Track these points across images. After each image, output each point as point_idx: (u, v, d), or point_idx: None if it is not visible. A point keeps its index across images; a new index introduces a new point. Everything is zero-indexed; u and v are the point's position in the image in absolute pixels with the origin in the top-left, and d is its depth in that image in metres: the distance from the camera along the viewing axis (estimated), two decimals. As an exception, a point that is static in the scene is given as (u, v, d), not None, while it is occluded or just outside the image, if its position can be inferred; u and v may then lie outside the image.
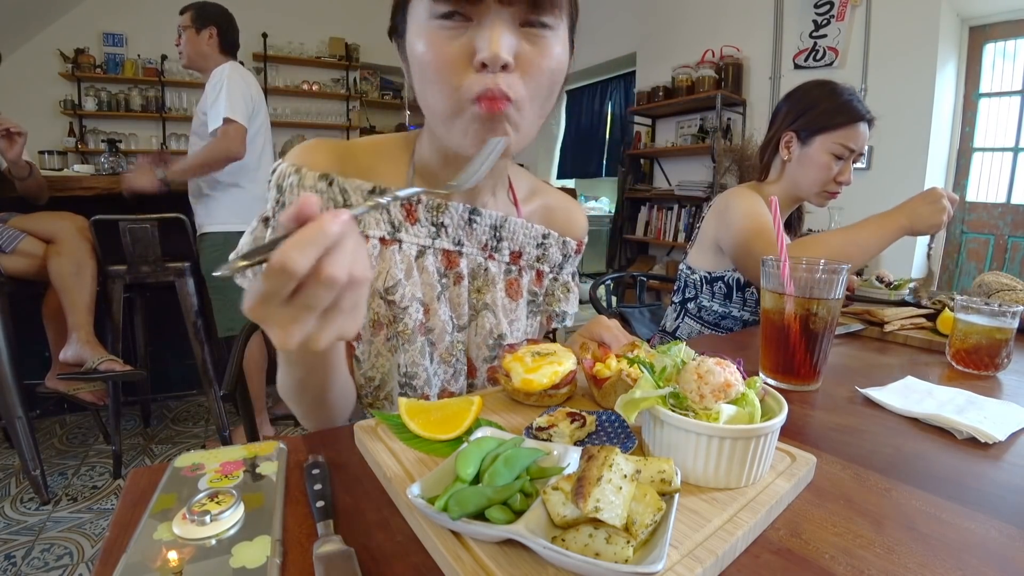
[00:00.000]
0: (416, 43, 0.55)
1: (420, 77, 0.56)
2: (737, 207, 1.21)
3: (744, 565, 0.36)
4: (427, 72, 0.54)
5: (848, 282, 0.45)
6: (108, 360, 1.86)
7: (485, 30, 0.51)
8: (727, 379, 0.44)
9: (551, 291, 0.82)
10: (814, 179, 1.21)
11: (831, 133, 1.17)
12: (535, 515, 0.35)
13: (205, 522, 0.36)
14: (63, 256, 1.86)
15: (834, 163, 1.18)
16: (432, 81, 0.54)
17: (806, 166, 1.21)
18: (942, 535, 0.40)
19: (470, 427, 0.51)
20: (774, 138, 1.28)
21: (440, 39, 0.53)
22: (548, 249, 0.79)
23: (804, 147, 1.21)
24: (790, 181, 1.26)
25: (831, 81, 1.24)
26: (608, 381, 0.57)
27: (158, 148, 4.80)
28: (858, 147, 1.18)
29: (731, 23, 3.70)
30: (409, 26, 0.56)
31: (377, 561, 0.36)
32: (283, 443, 0.49)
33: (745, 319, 1.28)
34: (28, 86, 4.31)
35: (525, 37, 0.53)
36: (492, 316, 0.73)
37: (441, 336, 0.69)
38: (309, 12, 5.26)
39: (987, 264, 2.91)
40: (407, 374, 0.67)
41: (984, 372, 0.80)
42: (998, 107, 2.86)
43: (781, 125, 1.26)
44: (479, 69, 0.52)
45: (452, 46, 0.52)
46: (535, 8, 0.52)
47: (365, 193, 0.63)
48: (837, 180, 1.20)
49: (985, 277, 1.16)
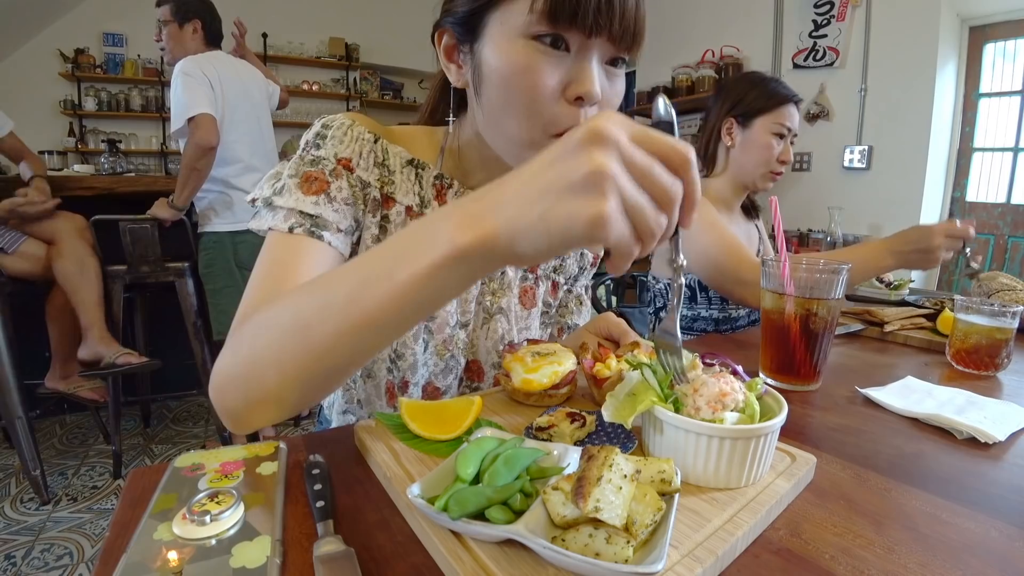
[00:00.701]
0: (502, 57, 0.51)
1: (503, 97, 0.53)
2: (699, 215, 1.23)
3: (744, 565, 0.36)
4: (514, 94, 0.52)
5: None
6: (125, 354, 1.88)
7: (585, 63, 0.50)
8: (722, 389, 0.44)
9: (565, 303, 0.82)
10: (759, 160, 1.25)
11: (770, 114, 1.23)
12: (535, 515, 0.35)
13: (205, 522, 0.36)
14: (65, 257, 1.87)
15: (776, 143, 1.23)
16: (518, 104, 0.52)
17: (750, 149, 1.26)
18: (942, 535, 0.40)
19: (470, 427, 0.51)
20: (714, 128, 1.32)
21: (537, 64, 0.50)
22: (566, 260, 0.79)
23: (746, 131, 1.26)
24: (736, 167, 1.30)
25: (756, 71, 1.32)
26: (608, 381, 0.57)
27: (158, 148, 4.80)
28: (794, 126, 1.24)
29: (731, 23, 3.70)
30: (491, 32, 0.53)
31: (377, 561, 0.36)
32: (283, 443, 0.49)
33: (715, 317, 1.30)
34: (28, 86, 4.31)
35: (606, 72, 0.53)
36: (505, 321, 0.72)
37: (441, 327, 0.69)
38: (309, 12, 5.26)
39: (987, 264, 2.91)
40: (396, 352, 0.67)
41: (984, 372, 0.80)
42: (998, 107, 2.86)
43: (719, 115, 1.30)
44: (572, 102, 0.51)
45: (550, 75, 0.50)
46: (627, 48, 0.52)
47: (404, 161, 0.65)
48: (780, 160, 1.24)
49: (985, 277, 1.16)
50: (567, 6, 0.48)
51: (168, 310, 2.17)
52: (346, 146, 0.62)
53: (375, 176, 0.64)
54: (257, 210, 0.60)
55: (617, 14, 0.49)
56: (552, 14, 0.48)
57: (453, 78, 0.59)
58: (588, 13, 0.48)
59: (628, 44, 0.52)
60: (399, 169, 0.65)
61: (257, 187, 0.61)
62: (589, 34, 0.49)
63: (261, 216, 0.59)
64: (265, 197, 0.59)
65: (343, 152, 0.62)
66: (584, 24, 0.48)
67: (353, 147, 0.62)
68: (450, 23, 0.57)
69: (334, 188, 0.59)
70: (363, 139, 0.63)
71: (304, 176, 0.59)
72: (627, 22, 0.50)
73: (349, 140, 0.62)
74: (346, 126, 0.63)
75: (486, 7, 0.53)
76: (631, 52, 0.53)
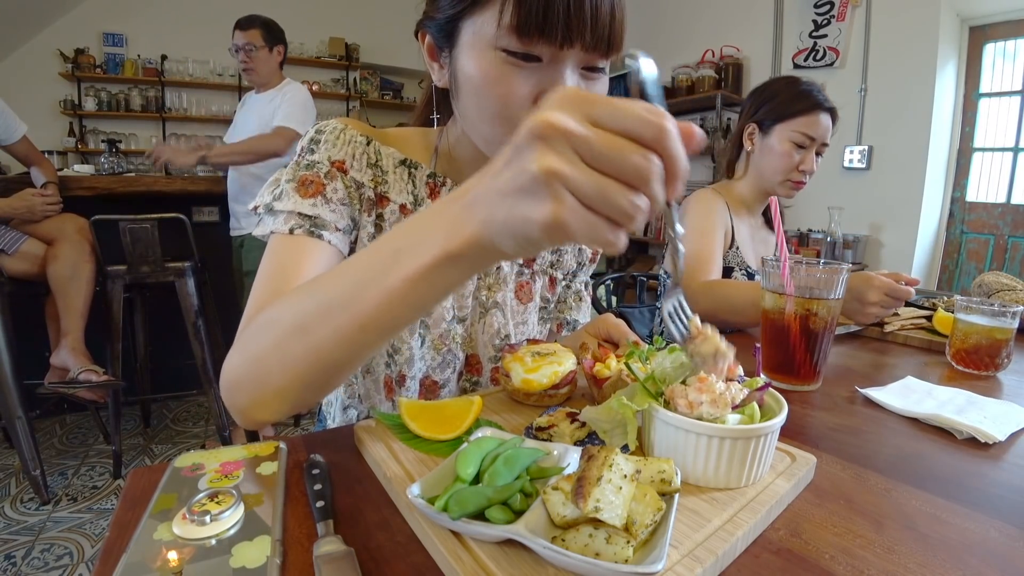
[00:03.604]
0: (474, 66, 0.51)
1: (476, 105, 0.54)
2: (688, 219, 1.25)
3: (744, 565, 0.36)
4: (487, 103, 0.52)
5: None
6: (87, 370, 1.86)
7: (558, 74, 0.49)
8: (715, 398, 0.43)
9: (563, 299, 0.82)
10: (776, 168, 1.23)
11: (790, 121, 1.21)
12: (535, 515, 0.35)
13: (205, 522, 0.36)
14: (59, 260, 1.87)
15: (795, 151, 1.21)
16: (491, 113, 0.52)
17: (768, 156, 1.25)
18: (942, 535, 0.40)
19: (470, 427, 0.51)
20: (738, 132, 1.32)
21: (508, 75, 0.50)
22: (563, 255, 0.79)
23: (765, 137, 1.25)
24: (756, 173, 1.30)
25: (795, 76, 1.28)
26: (608, 381, 0.57)
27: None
28: (818, 136, 1.20)
29: (731, 23, 3.70)
30: (464, 41, 0.53)
31: (377, 561, 0.36)
32: (283, 443, 0.49)
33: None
34: (28, 86, 4.31)
35: (583, 79, 0.52)
36: (500, 315, 0.73)
37: (437, 322, 0.69)
38: (309, 12, 5.25)
39: (987, 264, 2.91)
40: (393, 346, 0.67)
41: (984, 372, 0.80)
42: (998, 107, 2.86)
43: (745, 118, 1.30)
44: None
45: (521, 86, 0.50)
46: (603, 55, 0.50)
47: (396, 162, 0.66)
48: (800, 169, 1.22)
49: (985, 277, 1.16)
50: (535, 21, 0.46)
51: (168, 310, 2.17)
52: (339, 149, 0.63)
53: (368, 177, 0.65)
54: (260, 217, 0.62)
55: (589, 25, 0.47)
56: (520, 28, 0.47)
57: (436, 77, 0.60)
58: (557, 28, 0.47)
59: (604, 51, 0.50)
60: (392, 169, 0.66)
61: (259, 195, 0.62)
62: (560, 47, 0.48)
63: (264, 222, 0.61)
64: (266, 203, 0.60)
65: (336, 155, 0.63)
66: (553, 38, 0.47)
67: (346, 150, 0.64)
68: (429, 27, 0.57)
69: (329, 189, 0.61)
70: (355, 142, 0.64)
71: (300, 180, 0.60)
72: (600, 31, 0.48)
73: (342, 143, 0.64)
74: (338, 130, 0.64)
75: (460, 15, 0.52)
76: (608, 58, 0.52)
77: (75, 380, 1.84)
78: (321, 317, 0.41)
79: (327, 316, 0.41)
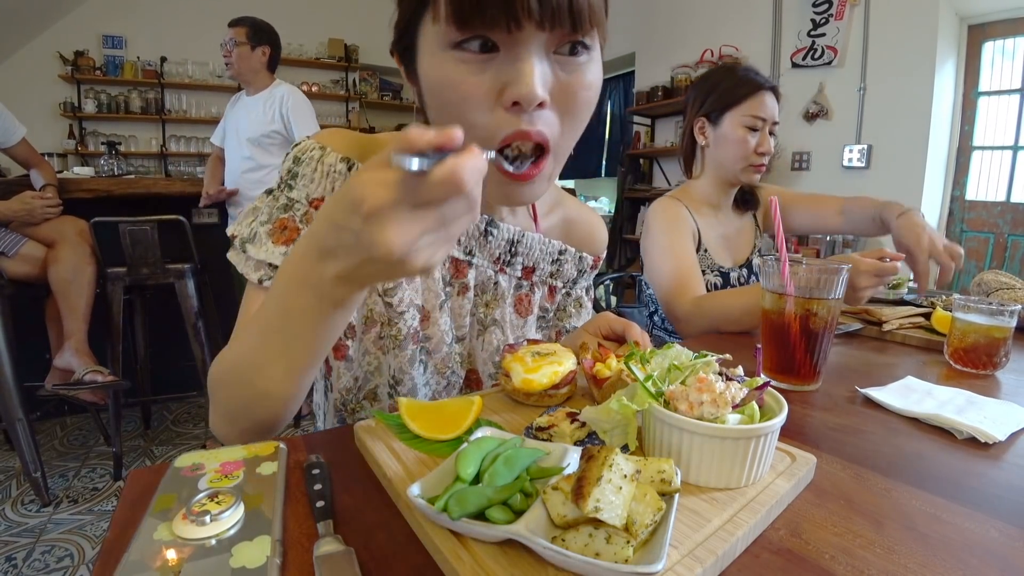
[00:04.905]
0: (430, 73, 0.48)
1: (438, 113, 0.51)
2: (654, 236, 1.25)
3: (744, 565, 0.36)
4: (447, 110, 0.48)
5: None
6: (92, 371, 1.87)
7: (516, 62, 0.44)
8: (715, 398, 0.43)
9: (563, 306, 0.81)
10: (735, 155, 1.23)
11: (738, 107, 1.21)
12: (535, 515, 0.35)
13: (205, 522, 0.36)
14: (60, 262, 1.87)
15: (750, 136, 1.21)
16: (453, 119, 0.47)
17: (724, 145, 1.24)
18: (942, 535, 0.40)
19: (470, 427, 0.51)
20: (688, 129, 1.31)
21: (461, 73, 0.45)
22: (563, 265, 0.77)
23: (717, 128, 1.25)
24: (714, 165, 1.29)
25: (730, 63, 1.30)
26: (608, 381, 0.57)
27: (158, 150, 4.80)
28: (768, 116, 1.21)
29: (730, 23, 3.71)
30: (421, 49, 0.50)
31: (377, 561, 0.36)
32: (283, 443, 0.49)
33: None
34: (28, 88, 4.32)
35: (560, 64, 0.47)
36: (500, 332, 0.72)
37: (438, 346, 0.68)
38: (309, 13, 5.26)
39: (987, 263, 2.91)
40: (394, 377, 0.67)
41: (982, 371, 0.79)
42: (997, 105, 2.87)
43: (690, 117, 1.30)
44: (509, 108, 0.45)
45: (476, 83, 0.45)
46: (572, 31, 0.44)
47: None
48: (758, 152, 1.22)
49: (984, 276, 1.16)
50: (468, 4, 0.42)
51: (168, 312, 2.17)
52: (316, 184, 0.60)
53: None
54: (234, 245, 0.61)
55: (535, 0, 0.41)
56: (457, 16, 0.43)
57: (413, 95, 0.58)
58: (497, 8, 0.41)
59: (572, 26, 0.43)
60: None
61: (236, 221, 0.61)
62: (510, 29, 0.42)
63: (237, 255, 0.60)
64: (241, 238, 0.60)
65: (315, 191, 0.60)
66: (497, 21, 0.42)
67: (324, 184, 0.60)
68: (396, 47, 0.56)
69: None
70: (334, 173, 0.60)
71: (277, 223, 0.59)
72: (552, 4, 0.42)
73: (320, 176, 0.60)
74: (315, 160, 0.60)
75: (412, 24, 0.50)
76: (582, 33, 0.45)
77: (81, 381, 1.85)
78: (255, 368, 0.47)
79: (259, 367, 0.47)
